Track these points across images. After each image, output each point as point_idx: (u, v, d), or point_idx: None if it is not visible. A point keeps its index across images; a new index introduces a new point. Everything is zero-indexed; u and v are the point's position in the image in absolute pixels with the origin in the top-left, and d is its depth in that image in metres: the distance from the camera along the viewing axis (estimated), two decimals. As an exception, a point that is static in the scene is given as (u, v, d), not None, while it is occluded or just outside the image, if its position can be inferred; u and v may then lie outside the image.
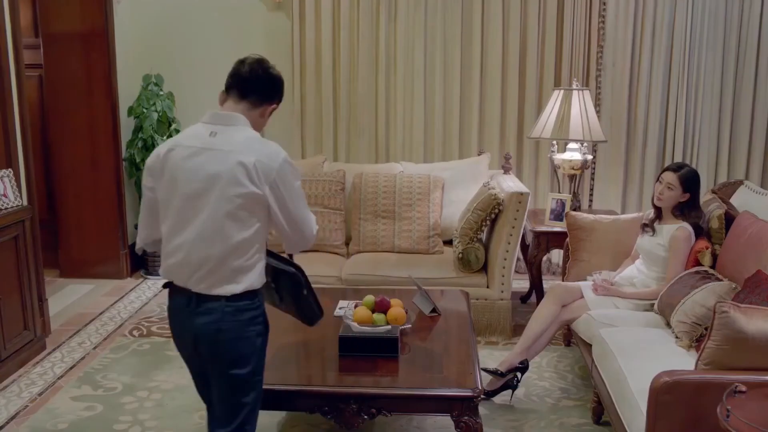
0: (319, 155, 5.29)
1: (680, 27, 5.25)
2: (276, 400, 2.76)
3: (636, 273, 3.67)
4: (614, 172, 5.49)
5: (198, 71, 5.62)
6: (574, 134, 4.38)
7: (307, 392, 2.74)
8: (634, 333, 3.16)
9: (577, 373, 3.93)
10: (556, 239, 4.45)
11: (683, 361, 2.80)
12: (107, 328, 4.59)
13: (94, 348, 4.29)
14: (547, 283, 4.68)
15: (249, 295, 2.19)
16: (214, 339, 2.17)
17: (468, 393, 2.65)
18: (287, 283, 2.38)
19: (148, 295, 5.25)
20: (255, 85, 2.28)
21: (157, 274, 5.58)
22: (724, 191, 3.90)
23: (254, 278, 2.20)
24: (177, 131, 5.48)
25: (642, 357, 2.86)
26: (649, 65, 5.33)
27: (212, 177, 2.13)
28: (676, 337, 3.07)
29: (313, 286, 2.43)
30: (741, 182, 3.93)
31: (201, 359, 2.25)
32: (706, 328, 2.95)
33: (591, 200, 5.50)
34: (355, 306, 3.27)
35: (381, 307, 3.17)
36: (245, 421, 2.28)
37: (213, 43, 5.60)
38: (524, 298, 4.99)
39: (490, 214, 4.28)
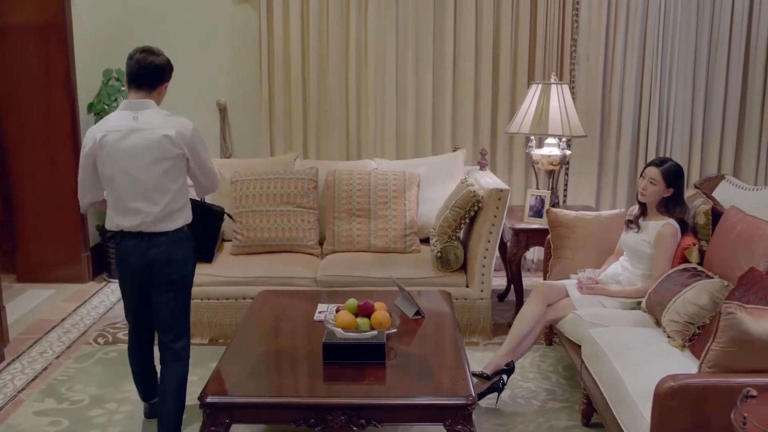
0: (290, 152, 5.14)
1: (653, 19, 5.22)
2: (259, 413, 2.61)
3: (621, 270, 3.61)
4: (588, 167, 5.44)
5: (161, 65, 5.40)
6: (554, 129, 4.30)
7: (293, 404, 2.60)
8: (625, 333, 3.09)
9: (561, 373, 3.86)
10: (536, 236, 4.37)
11: (679, 362, 2.74)
12: (70, 336, 4.37)
13: (57, 357, 4.08)
14: (527, 280, 4.62)
15: (185, 228, 2.97)
16: (167, 261, 2.91)
17: (462, 401, 2.54)
18: (212, 218, 3.24)
19: (111, 299, 5.03)
20: (142, 78, 2.89)
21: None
22: (706, 186, 3.85)
23: (187, 215, 2.98)
24: (140, 128, 5.26)
25: (637, 358, 2.79)
26: (622, 58, 5.28)
27: (147, 148, 2.81)
28: (668, 337, 3.01)
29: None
30: (722, 177, 3.89)
31: (150, 282, 2.94)
32: (698, 327, 2.91)
33: (565, 196, 5.44)
34: (337, 310, 3.12)
35: (365, 311, 3.03)
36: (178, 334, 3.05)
37: (177, 37, 5.38)
38: (501, 296, 4.92)
39: (469, 211, 4.18)
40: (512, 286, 4.58)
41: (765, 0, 5.20)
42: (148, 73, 2.89)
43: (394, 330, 2.98)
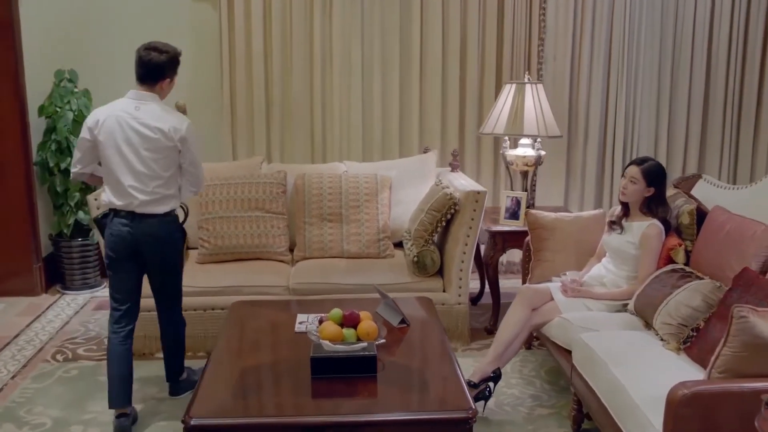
0: (256, 156, 4.95)
1: (619, 21, 5.22)
2: (247, 435, 2.45)
3: (604, 272, 3.55)
4: (556, 168, 5.40)
5: (116, 66, 5.11)
6: (529, 129, 4.24)
7: (284, 424, 2.44)
8: (617, 337, 3.03)
9: (544, 378, 3.79)
10: (513, 239, 4.29)
11: (678, 367, 2.69)
12: (25, 353, 4.11)
13: (13, 377, 3.82)
14: (503, 283, 4.55)
15: (173, 212, 3.27)
16: (155, 237, 3.20)
17: (463, 414, 2.42)
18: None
19: (68, 312, 4.77)
20: (144, 74, 3.19)
21: (76, 288, 5.09)
22: (684, 185, 3.83)
23: (175, 203, 3.27)
24: (95, 132, 5.01)
25: (635, 364, 2.72)
26: (589, 58, 5.27)
27: (142, 138, 3.10)
28: (662, 340, 2.96)
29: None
30: (699, 176, 3.88)
31: (142, 258, 3.23)
32: (692, 329, 2.87)
33: (534, 196, 5.39)
34: (320, 321, 2.99)
35: (350, 322, 2.89)
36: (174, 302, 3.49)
37: (132, 36, 5.03)
38: (475, 299, 4.83)
39: (446, 214, 4.08)
40: (486, 290, 4.49)
41: (726, 5, 5.27)
42: (148, 70, 3.16)
43: (383, 341, 2.84)
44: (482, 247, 4.62)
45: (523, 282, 4.11)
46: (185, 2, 5.17)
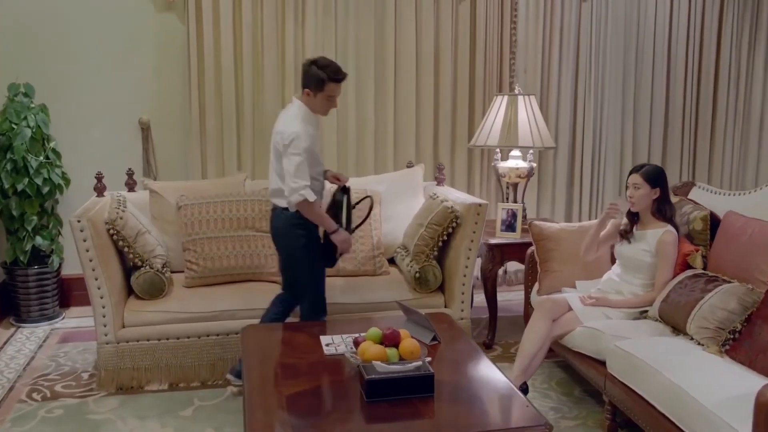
0: (239, 173, 4.73)
1: (585, 34, 5.38)
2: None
3: (618, 280, 3.56)
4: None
5: (76, 80, 4.83)
6: (524, 141, 4.23)
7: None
8: (655, 343, 3.03)
9: (557, 390, 3.76)
10: (511, 251, 4.27)
11: (730, 370, 2.73)
12: (-4, 394, 3.73)
13: (-11, 420, 3.45)
14: (502, 296, 4.51)
15: (289, 209, 3.42)
16: (273, 227, 3.58)
17: (541, 427, 2.34)
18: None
19: (29, 347, 4.38)
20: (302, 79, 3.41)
21: (33, 320, 4.69)
22: (681, 192, 3.92)
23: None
24: (54, 151, 4.66)
25: (687, 368, 2.72)
26: (558, 71, 5.37)
27: (273, 135, 3.44)
28: (699, 344, 2.98)
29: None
30: (693, 183, 3.98)
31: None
32: (729, 332, 2.90)
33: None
34: (355, 342, 2.85)
35: (391, 341, 2.78)
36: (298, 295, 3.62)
37: (93, 48, 4.84)
38: (464, 313, 4.76)
39: (447, 228, 4.01)
40: (475, 304, 4.42)
41: (682, 21, 5.51)
42: (302, 76, 3.39)
43: (429, 359, 2.73)
44: (478, 261, 4.57)
45: (526, 293, 4.09)
46: (149, 13, 4.90)
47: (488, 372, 2.82)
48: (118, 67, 4.89)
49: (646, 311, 3.39)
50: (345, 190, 3.57)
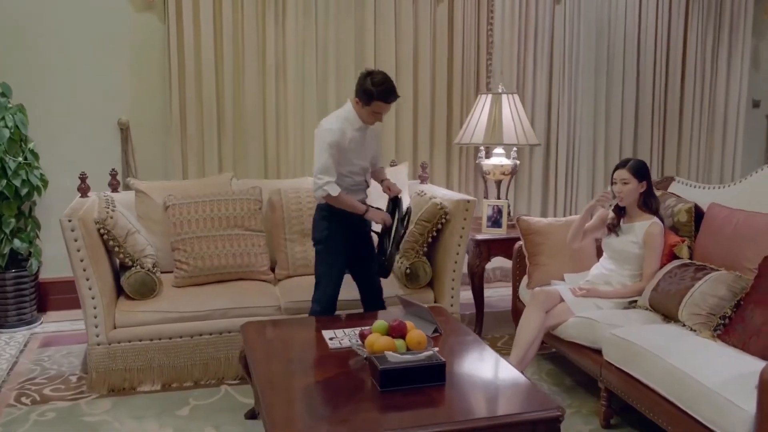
0: (226, 172, 4.71)
1: (559, 35, 5.52)
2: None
3: (606, 272, 3.66)
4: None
5: (54, 80, 4.75)
6: (508, 138, 4.32)
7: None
8: (651, 331, 3.13)
9: (548, 381, 3.84)
10: (498, 246, 4.35)
11: (725, 352, 2.82)
12: (-18, 399, 3.64)
13: (-21, 426, 3.37)
14: (489, 291, 4.58)
15: (322, 204, 3.56)
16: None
17: (554, 413, 2.41)
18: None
19: (11, 352, 4.28)
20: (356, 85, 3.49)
21: (11, 325, 4.59)
22: (662, 187, 4.06)
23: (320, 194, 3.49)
24: (32, 152, 4.57)
25: (686, 353, 2.82)
26: (533, 71, 5.49)
27: None
28: (691, 330, 3.08)
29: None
30: (672, 178, 4.12)
31: None
32: (720, 318, 3.01)
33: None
34: (360, 334, 2.88)
35: (398, 332, 2.82)
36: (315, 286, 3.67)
37: (71, 48, 4.77)
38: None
39: (436, 224, 4.07)
40: (474, 299, 4.50)
41: (650, 23, 5.70)
42: (356, 84, 3.48)
43: (436, 349, 2.78)
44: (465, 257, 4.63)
45: (514, 288, 4.17)
46: (126, 13, 4.85)
47: (494, 360, 2.88)
48: (97, 67, 4.83)
49: (635, 301, 3.50)
50: (396, 201, 3.63)
